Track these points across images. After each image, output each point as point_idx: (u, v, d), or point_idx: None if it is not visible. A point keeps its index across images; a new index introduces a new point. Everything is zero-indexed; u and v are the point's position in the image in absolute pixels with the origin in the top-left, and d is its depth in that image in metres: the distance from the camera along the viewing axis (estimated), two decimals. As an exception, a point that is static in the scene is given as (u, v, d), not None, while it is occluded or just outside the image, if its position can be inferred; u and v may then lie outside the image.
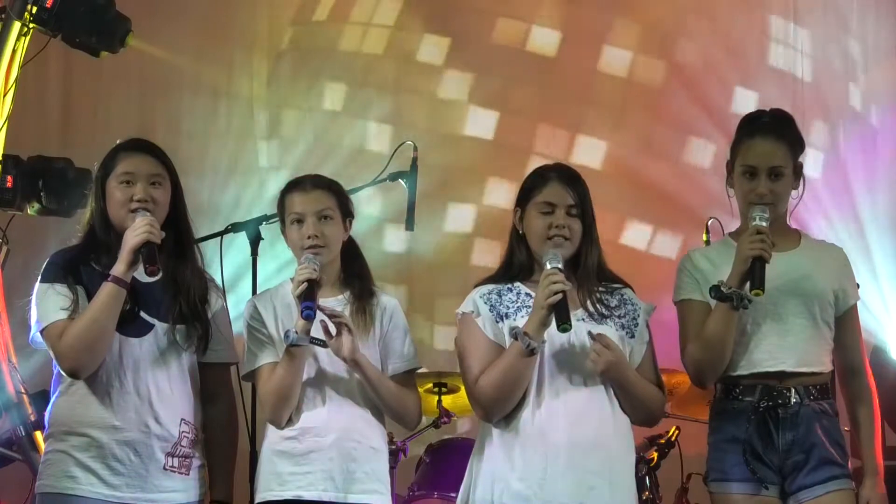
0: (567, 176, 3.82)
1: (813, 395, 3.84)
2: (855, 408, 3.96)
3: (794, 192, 3.95)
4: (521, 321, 3.69)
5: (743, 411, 3.83)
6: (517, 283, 3.80)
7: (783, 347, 3.83)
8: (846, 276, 3.98)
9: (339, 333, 3.75)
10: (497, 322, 3.74)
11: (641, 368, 3.80)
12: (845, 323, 3.95)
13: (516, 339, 3.60)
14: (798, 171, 3.95)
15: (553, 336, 3.65)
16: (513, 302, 3.76)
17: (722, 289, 3.72)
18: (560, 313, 3.56)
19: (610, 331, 3.74)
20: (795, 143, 3.95)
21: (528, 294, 3.76)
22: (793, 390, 3.83)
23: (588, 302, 3.77)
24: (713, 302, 3.78)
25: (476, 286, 3.84)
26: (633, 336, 3.78)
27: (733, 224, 4.06)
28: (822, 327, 3.89)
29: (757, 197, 3.86)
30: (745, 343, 3.84)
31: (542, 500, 3.62)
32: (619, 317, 3.78)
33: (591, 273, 3.79)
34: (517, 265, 3.82)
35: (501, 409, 3.68)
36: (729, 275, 3.76)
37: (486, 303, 3.77)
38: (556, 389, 3.68)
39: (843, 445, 3.88)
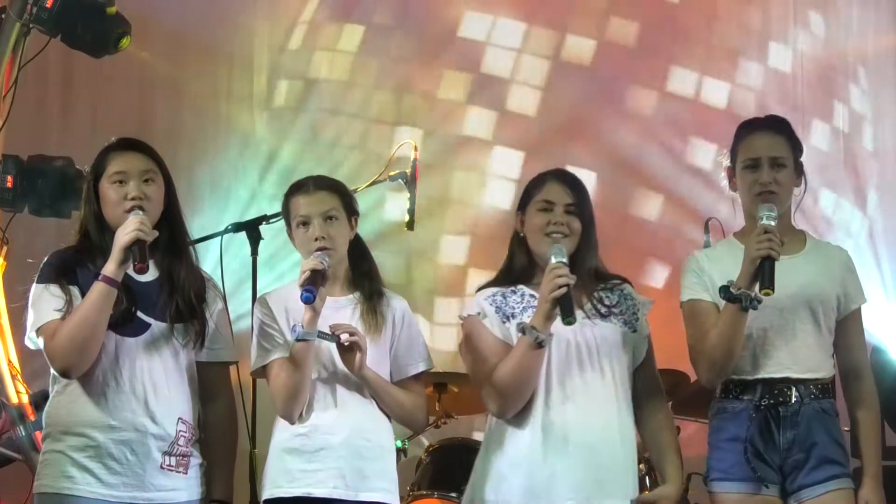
0: (565, 177, 3.86)
1: (814, 394, 3.85)
2: (857, 410, 3.96)
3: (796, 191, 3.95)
4: (527, 320, 3.70)
5: (744, 410, 3.84)
6: (520, 286, 3.82)
7: (788, 354, 3.84)
8: (850, 279, 3.97)
9: (349, 349, 3.74)
10: (504, 322, 3.77)
11: (645, 365, 3.84)
12: (848, 325, 3.95)
13: (524, 333, 3.62)
14: (799, 170, 3.96)
15: (559, 333, 3.66)
16: (518, 303, 3.78)
17: (731, 290, 3.72)
18: (564, 306, 3.58)
19: (612, 328, 3.76)
20: (794, 141, 3.96)
21: (531, 295, 3.77)
22: (794, 389, 3.83)
23: (587, 304, 3.78)
24: (721, 302, 3.78)
25: (479, 290, 3.87)
26: (634, 331, 3.81)
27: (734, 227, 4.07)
28: (825, 332, 3.90)
29: (761, 187, 3.86)
30: (750, 348, 3.84)
31: (549, 498, 3.64)
32: (621, 313, 3.81)
33: (587, 276, 3.79)
34: (517, 268, 3.84)
35: (516, 402, 3.69)
36: (738, 275, 3.75)
37: (491, 304, 3.79)
38: (564, 387, 3.70)
39: (844, 445, 3.89)
